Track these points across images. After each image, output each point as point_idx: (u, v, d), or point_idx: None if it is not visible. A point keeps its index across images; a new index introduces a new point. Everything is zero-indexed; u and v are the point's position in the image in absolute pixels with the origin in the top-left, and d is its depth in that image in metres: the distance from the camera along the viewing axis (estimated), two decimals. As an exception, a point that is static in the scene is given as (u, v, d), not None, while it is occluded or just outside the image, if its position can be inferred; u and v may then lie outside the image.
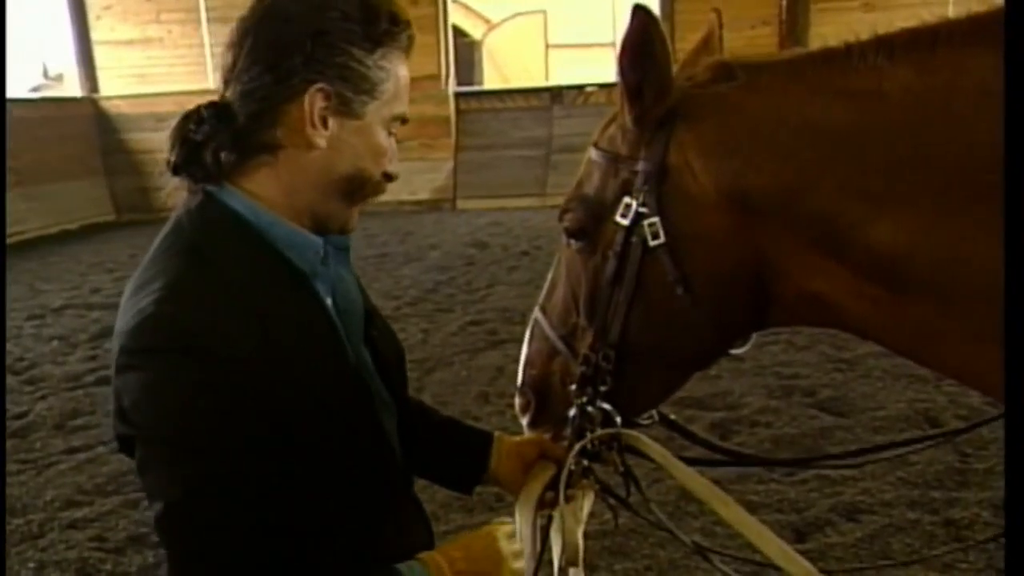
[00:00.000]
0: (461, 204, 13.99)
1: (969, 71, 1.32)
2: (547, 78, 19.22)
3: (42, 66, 18.40)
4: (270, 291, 1.29)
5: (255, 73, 1.27)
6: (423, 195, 13.36)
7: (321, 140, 1.29)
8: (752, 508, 4.01)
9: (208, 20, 13.71)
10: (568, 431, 1.65)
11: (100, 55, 14.55)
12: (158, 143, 1.35)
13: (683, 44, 1.67)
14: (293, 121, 1.28)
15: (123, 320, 1.26)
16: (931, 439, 1.91)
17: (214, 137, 1.28)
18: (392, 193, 1.93)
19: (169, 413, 1.19)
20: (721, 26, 1.63)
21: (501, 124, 14.41)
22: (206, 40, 13.81)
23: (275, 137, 1.29)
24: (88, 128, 14.06)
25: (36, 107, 14.30)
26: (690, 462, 1.61)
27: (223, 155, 1.28)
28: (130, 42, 14.39)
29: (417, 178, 12.82)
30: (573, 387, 1.63)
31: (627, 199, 1.50)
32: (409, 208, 12.99)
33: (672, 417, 1.81)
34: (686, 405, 5.16)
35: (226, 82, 1.31)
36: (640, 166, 1.49)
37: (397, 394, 1.54)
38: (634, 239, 1.50)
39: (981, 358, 1.38)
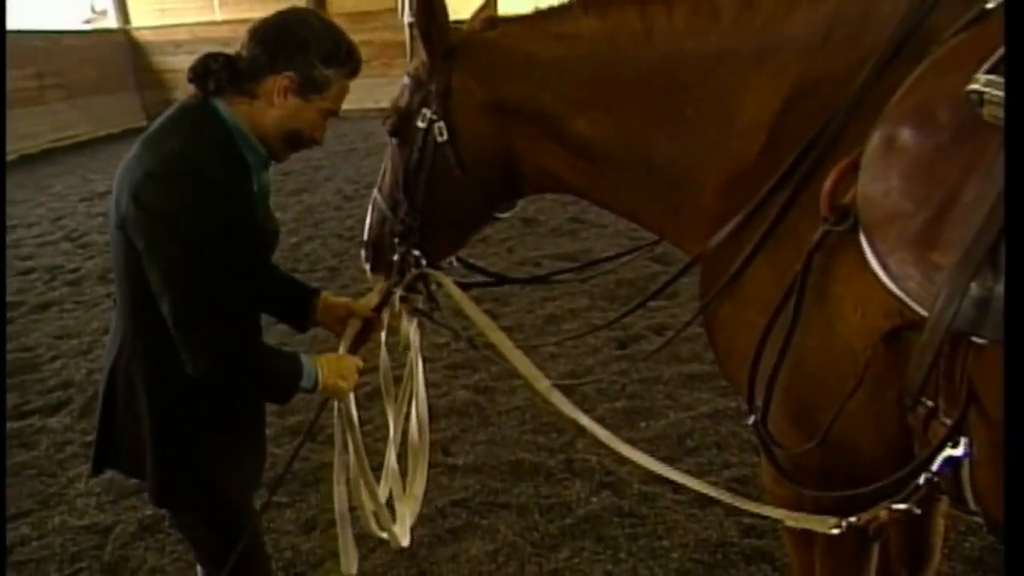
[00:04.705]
0: (414, 110, 13.83)
1: (626, 20, 1.55)
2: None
3: (90, 3, 17.94)
4: (231, 166, 1.57)
5: (260, 52, 1.57)
6: (384, 103, 12.97)
7: (280, 105, 1.58)
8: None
9: (215, -36, 13.24)
10: (394, 272, 1.86)
11: (131, -7, 14.06)
12: (175, 64, 1.64)
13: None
14: (268, 87, 1.57)
15: (149, 158, 1.50)
16: (630, 253, 2.12)
17: (222, 71, 1.57)
18: (358, 103, 2.07)
19: (192, 221, 1.47)
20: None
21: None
22: (215, -20, 13.36)
23: (255, 91, 1.58)
24: (122, 53, 13.69)
25: (82, 37, 13.79)
26: (464, 287, 1.86)
27: (223, 83, 1.58)
28: (155, -19, 13.88)
29: (379, 90, 11.85)
30: (395, 241, 1.82)
31: (424, 110, 1.69)
32: (373, 115, 12.40)
33: (471, 260, 2.03)
34: (559, 258, 5.42)
35: (241, 50, 1.59)
36: (433, 87, 1.67)
37: (269, 249, 1.79)
38: (429, 138, 1.68)
39: (643, 206, 1.64)
